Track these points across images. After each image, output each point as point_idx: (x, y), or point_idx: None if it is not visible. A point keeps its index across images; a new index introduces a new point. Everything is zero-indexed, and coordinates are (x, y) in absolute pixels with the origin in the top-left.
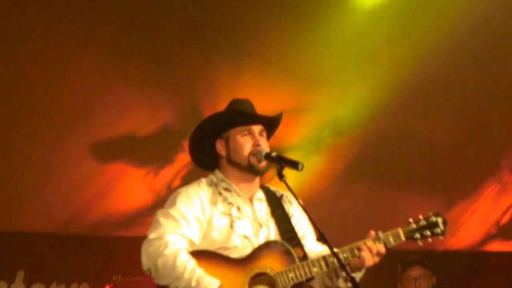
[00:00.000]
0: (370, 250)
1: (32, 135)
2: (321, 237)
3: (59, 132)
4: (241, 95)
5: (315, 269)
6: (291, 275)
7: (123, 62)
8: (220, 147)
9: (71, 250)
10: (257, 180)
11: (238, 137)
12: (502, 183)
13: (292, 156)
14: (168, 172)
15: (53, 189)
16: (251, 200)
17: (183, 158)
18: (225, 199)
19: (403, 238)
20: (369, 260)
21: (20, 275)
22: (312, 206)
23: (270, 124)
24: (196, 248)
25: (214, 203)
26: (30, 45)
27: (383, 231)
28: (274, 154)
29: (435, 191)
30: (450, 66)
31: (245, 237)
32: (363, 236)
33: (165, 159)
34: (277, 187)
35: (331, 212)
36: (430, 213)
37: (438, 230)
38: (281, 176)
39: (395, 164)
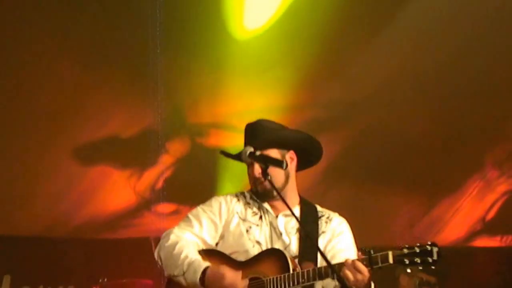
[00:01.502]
0: (353, 267)
1: (16, 141)
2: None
3: (42, 136)
4: (222, 97)
5: (302, 279)
6: (281, 282)
7: (105, 67)
8: None
9: (57, 253)
10: (283, 199)
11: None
12: (486, 179)
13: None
14: (152, 174)
15: (38, 193)
16: (277, 215)
17: (167, 160)
18: (249, 207)
19: (391, 261)
20: (350, 276)
21: (7, 279)
22: None
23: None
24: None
25: (235, 210)
26: (9, 52)
27: (368, 230)
28: (258, 153)
29: (419, 188)
30: (431, 63)
31: (258, 242)
32: None
33: (148, 161)
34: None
35: None
36: (429, 242)
37: (429, 260)
38: (265, 176)
39: (378, 162)
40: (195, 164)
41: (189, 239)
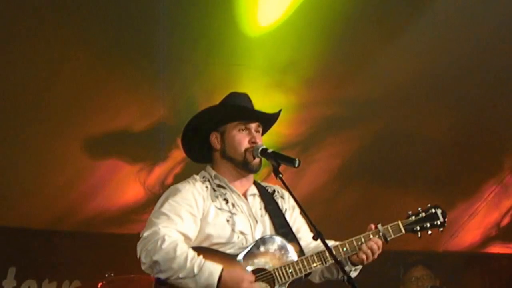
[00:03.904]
0: (371, 249)
1: (25, 132)
2: (318, 237)
3: (52, 128)
4: (237, 90)
5: (314, 264)
6: (290, 270)
7: (117, 59)
8: (214, 139)
9: (63, 246)
10: (250, 176)
11: (235, 132)
12: (503, 184)
13: (289, 153)
14: (162, 169)
15: (46, 185)
16: (244, 195)
17: (177, 155)
18: (219, 195)
19: (403, 230)
20: (369, 258)
21: (12, 271)
22: (308, 204)
23: (267, 120)
24: (191, 244)
25: (208, 199)
26: (22, 43)
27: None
28: (270, 150)
29: (434, 191)
30: (450, 64)
31: (242, 233)
32: (359, 234)
33: (159, 155)
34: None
35: (328, 211)
36: (429, 205)
37: (437, 222)
38: (277, 173)
39: (393, 163)
40: None
41: (180, 238)
